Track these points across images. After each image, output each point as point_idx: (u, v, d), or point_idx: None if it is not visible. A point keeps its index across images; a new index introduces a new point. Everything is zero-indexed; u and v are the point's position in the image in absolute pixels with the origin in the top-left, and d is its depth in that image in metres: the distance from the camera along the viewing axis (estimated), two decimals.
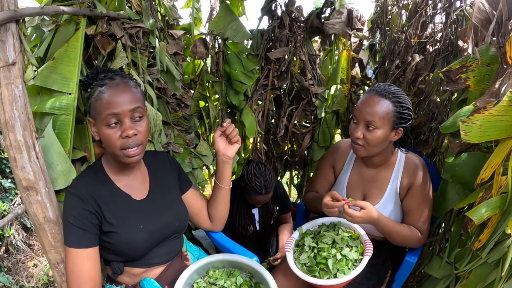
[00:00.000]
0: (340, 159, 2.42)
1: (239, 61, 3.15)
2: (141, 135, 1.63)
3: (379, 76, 3.50)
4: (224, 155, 1.99)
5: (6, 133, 1.44)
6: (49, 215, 1.60)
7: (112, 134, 1.58)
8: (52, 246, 1.67)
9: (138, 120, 1.62)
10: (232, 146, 1.99)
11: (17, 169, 1.47)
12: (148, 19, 2.23)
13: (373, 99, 1.98)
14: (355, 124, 2.07)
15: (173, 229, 1.88)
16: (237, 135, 1.95)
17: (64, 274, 1.74)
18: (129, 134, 1.57)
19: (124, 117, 1.57)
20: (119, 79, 1.62)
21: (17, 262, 4.05)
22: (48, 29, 1.83)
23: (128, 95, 1.59)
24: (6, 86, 1.40)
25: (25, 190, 1.51)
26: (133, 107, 1.58)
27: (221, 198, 2.10)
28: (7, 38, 1.37)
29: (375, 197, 2.25)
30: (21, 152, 1.45)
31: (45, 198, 1.56)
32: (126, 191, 1.78)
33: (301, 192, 4.13)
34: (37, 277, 3.91)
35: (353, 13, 3.25)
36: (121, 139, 1.58)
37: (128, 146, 1.60)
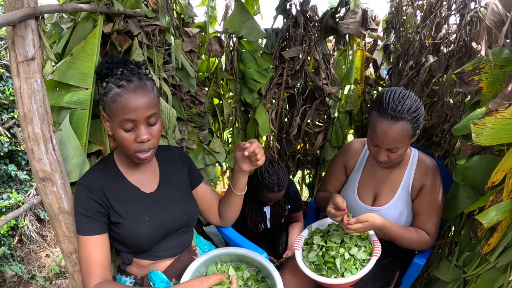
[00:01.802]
0: (352, 159, 2.42)
1: (254, 60, 3.17)
2: (154, 139, 1.65)
3: (393, 77, 3.49)
4: (240, 167, 1.96)
5: (25, 126, 1.48)
6: (64, 206, 1.64)
7: (126, 137, 1.60)
8: (65, 236, 1.71)
9: (153, 125, 1.64)
10: (251, 164, 1.94)
11: (34, 161, 1.52)
12: (164, 17, 2.26)
13: (390, 127, 1.91)
14: (377, 147, 2.04)
15: (181, 223, 1.90)
16: (258, 160, 1.87)
17: (76, 264, 1.79)
18: (144, 139, 1.59)
19: (139, 123, 1.59)
20: (137, 81, 1.60)
21: (30, 252, 4.11)
22: (66, 26, 1.87)
23: (144, 101, 1.58)
24: (25, 80, 1.44)
25: (41, 181, 1.56)
26: (149, 114, 1.59)
27: (233, 202, 2.10)
28: (27, 34, 1.41)
29: (387, 196, 2.24)
30: (38, 144, 1.50)
31: (60, 189, 1.60)
32: (136, 185, 1.81)
33: (312, 191, 4.12)
34: (48, 267, 3.96)
35: (367, 13, 3.25)
36: (135, 143, 1.61)
37: (141, 150, 1.63)
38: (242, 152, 1.88)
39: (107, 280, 1.67)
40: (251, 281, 1.89)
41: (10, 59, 1.46)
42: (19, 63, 1.43)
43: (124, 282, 1.88)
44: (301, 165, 3.95)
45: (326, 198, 2.36)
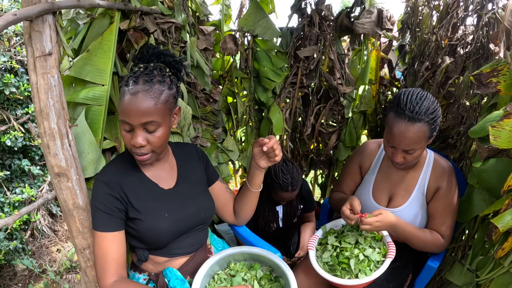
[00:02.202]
0: (367, 159, 2.40)
1: (268, 58, 3.16)
2: (152, 145, 1.61)
3: (408, 78, 3.46)
4: (257, 164, 1.96)
5: (41, 121, 1.48)
6: (79, 202, 1.65)
7: (126, 136, 1.60)
8: (79, 232, 1.71)
9: (151, 131, 1.60)
10: (269, 161, 1.93)
11: (50, 156, 1.52)
12: (180, 14, 2.26)
13: (408, 128, 1.89)
14: (393, 149, 2.02)
15: (198, 220, 1.89)
16: (276, 156, 1.86)
17: (89, 260, 1.79)
18: (136, 144, 1.57)
19: (135, 128, 1.57)
20: (142, 85, 1.54)
21: (41, 246, 4.14)
22: (83, 22, 1.88)
23: (143, 107, 1.53)
24: (42, 75, 1.44)
25: (56, 176, 1.56)
26: (144, 121, 1.55)
27: (249, 199, 2.09)
28: (44, 29, 1.41)
29: (401, 198, 2.22)
30: (54, 139, 1.50)
31: (75, 185, 1.60)
32: (154, 180, 1.81)
33: (324, 192, 4.11)
34: (59, 262, 3.98)
35: (383, 13, 3.22)
36: (131, 144, 1.60)
37: (135, 152, 1.62)
38: (260, 148, 1.88)
39: (123, 277, 1.67)
40: (264, 280, 1.89)
41: (27, 54, 1.46)
42: (36, 58, 1.43)
43: (137, 279, 1.88)
44: (314, 165, 3.93)
45: (341, 199, 2.33)
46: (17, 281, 3.69)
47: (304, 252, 2.75)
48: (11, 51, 3.49)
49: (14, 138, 3.29)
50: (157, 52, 1.67)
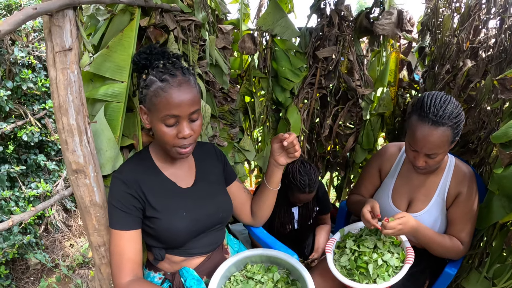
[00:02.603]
0: (387, 162, 2.37)
1: (287, 58, 3.13)
2: (196, 134, 1.63)
3: (427, 80, 3.41)
4: (276, 160, 1.94)
5: (59, 117, 1.47)
6: (96, 199, 1.63)
7: (168, 132, 1.57)
8: (95, 229, 1.70)
9: (194, 120, 1.62)
10: (288, 157, 1.92)
11: (68, 152, 1.51)
12: (199, 12, 2.25)
13: (431, 132, 1.86)
14: (415, 152, 1.99)
15: (216, 220, 1.88)
16: (295, 152, 1.85)
17: (104, 257, 1.79)
18: (186, 135, 1.57)
19: (182, 119, 1.56)
20: (181, 76, 1.57)
21: (55, 241, 4.15)
22: (103, 18, 1.86)
23: (189, 97, 1.55)
24: (62, 70, 1.43)
25: (74, 173, 1.55)
26: (192, 110, 1.57)
27: (267, 198, 2.07)
28: (65, 24, 1.40)
29: (421, 203, 2.19)
30: (73, 135, 1.49)
31: (93, 182, 1.59)
32: (172, 179, 1.79)
33: (340, 194, 4.08)
34: (72, 257, 3.99)
35: (403, 14, 3.18)
36: (176, 139, 1.59)
37: (182, 146, 1.61)
38: (279, 144, 1.88)
39: (139, 277, 1.66)
40: (281, 283, 1.86)
41: (46, 49, 1.45)
42: (55, 53, 1.41)
43: (152, 278, 1.87)
44: (330, 167, 3.90)
45: (359, 202, 2.31)
46: (29, 274, 3.70)
47: (319, 254, 2.73)
48: (29, 46, 3.50)
49: (30, 133, 3.30)
50: (161, 51, 1.66)
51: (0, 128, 3.03)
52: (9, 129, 3.15)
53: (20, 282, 3.62)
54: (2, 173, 3.13)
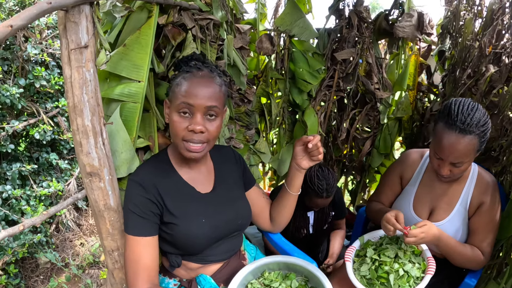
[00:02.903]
0: (409, 169, 2.31)
1: (305, 60, 3.08)
2: (209, 134, 1.58)
3: (447, 85, 3.34)
4: (298, 164, 1.89)
5: (74, 117, 1.41)
6: (110, 203, 1.57)
7: (179, 122, 1.54)
8: (109, 233, 1.65)
9: (211, 119, 1.57)
10: (311, 161, 1.88)
11: (82, 154, 1.45)
12: (218, 11, 2.19)
13: (458, 140, 1.81)
14: (440, 161, 1.94)
15: (235, 227, 1.83)
16: (319, 155, 1.82)
17: (117, 262, 1.73)
18: (195, 129, 1.52)
19: (197, 110, 1.52)
20: (206, 71, 1.58)
21: (65, 239, 4.13)
22: (120, 15, 1.80)
23: (208, 91, 1.53)
24: (77, 69, 1.37)
25: (88, 175, 1.49)
26: (209, 105, 1.53)
27: (287, 203, 2.02)
28: (80, 20, 1.34)
29: (443, 212, 2.13)
30: (87, 137, 1.43)
31: (108, 185, 1.53)
32: (190, 184, 1.74)
33: (354, 198, 4.04)
34: (82, 256, 3.98)
35: (423, 16, 3.13)
36: (186, 131, 1.54)
37: (191, 139, 1.55)
38: (302, 147, 1.85)
39: (155, 284, 1.61)
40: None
41: (61, 46, 1.39)
42: (70, 50, 1.36)
43: (167, 284, 1.81)
44: (345, 170, 3.85)
45: (380, 211, 2.25)
46: (38, 273, 3.68)
47: (333, 260, 2.69)
48: (43, 43, 3.46)
49: (43, 131, 3.26)
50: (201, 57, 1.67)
51: (12, 126, 2.99)
52: (21, 127, 3.11)
53: (29, 280, 3.60)
54: (14, 172, 3.09)
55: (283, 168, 3.39)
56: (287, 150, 3.36)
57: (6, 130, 2.96)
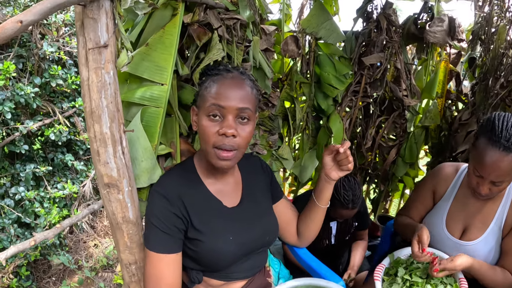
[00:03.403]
0: (442, 184, 2.20)
1: (332, 64, 2.97)
2: (241, 139, 1.47)
3: (477, 94, 3.22)
4: (327, 175, 1.79)
5: (91, 124, 1.30)
6: (129, 215, 1.46)
7: (209, 127, 1.44)
8: (126, 247, 1.54)
9: (243, 123, 1.47)
10: (340, 170, 1.78)
11: (100, 164, 1.34)
12: (245, 10, 2.08)
13: (502, 158, 1.71)
14: (480, 178, 1.84)
15: (262, 243, 1.73)
16: (349, 164, 1.72)
17: (134, 275, 1.63)
18: (227, 132, 1.42)
19: (228, 113, 1.43)
20: (237, 74, 1.50)
21: (79, 241, 4.10)
22: (143, 12, 1.69)
23: (240, 92, 1.45)
24: (95, 70, 1.25)
25: (105, 187, 1.38)
26: (241, 106, 1.44)
27: (315, 216, 1.91)
28: (100, 17, 1.22)
29: (477, 230, 2.02)
30: (106, 146, 1.31)
31: (127, 197, 1.42)
32: (217, 196, 1.63)
33: (376, 207, 3.96)
34: (96, 258, 3.94)
35: (455, 21, 3.02)
36: (217, 135, 1.43)
37: (222, 145, 1.44)
38: (331, 157, 1.77)
39: None
40: None
41: (77, 45, 1.26)
42: (88, 50, 1.23)
43: None
44: (368, 179, 3.73)
45: (408, 226, 2.17)
46: (51, 274, 3.65)
47: (354, 272, 2.63)
48: (60, 41, 3.38)
49: (58, 132, 3.18)
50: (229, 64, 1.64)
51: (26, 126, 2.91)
52: (36, 127, 3.03)
53: (41, 281, 3.56)
54: (27, 173, 3.01)
55: (304, 175, 3.30)
56: (309, 156, 3.26)
57: (20, 130, 2.87)
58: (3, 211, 2.92)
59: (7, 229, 2.88)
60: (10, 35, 0.91)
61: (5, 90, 2.80)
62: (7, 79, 2.73)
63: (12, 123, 2.89)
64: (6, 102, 2.68)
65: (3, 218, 2.90)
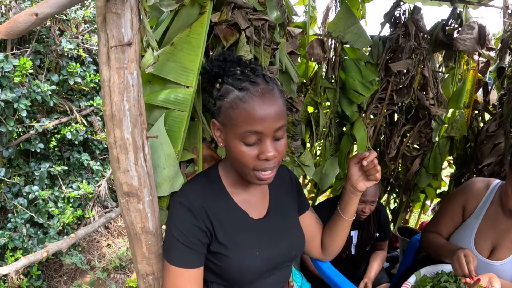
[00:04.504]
0: (473, 200, 2.12)
1: (358, 69, 2.88)
2: (280, 155, 1.37)
3: (505, 105, 3.13)
4: (353, 186, 1.69)
5: (111, 128, 1.21)
6: (149, 226, 1.38)
7: (247, 153, 1.31)
8: (144, 257, 1.45)
9: (279, 139, 1.35)
10: (367, 180, 1.67)
11: (119, 172, 1.25)
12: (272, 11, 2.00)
13: None
14: None
15: (288, 258, 1.63)
16: (376, 173, 1.62)
17: (151, 286, 1.54)
18: (269, 157, 1.31)
19: (266, 136, 1.30)
20: (264, 85, 1.32)
21: (92, 241, 4.09)
22: (169, 10, 1.60)
23: (275, 109, 1.29)
24: (117, 70, 1.16)
25: (124, 195, 1.29)
26: (278, 126, 1.30)
27: (340, 229, 1.81)
28: (124, 12, 1.12)
29: (507, 250, 1.96)
30: (127, 152, 1.22)
31: (147, 207, 1.33)
32: (243, 208, 1.53)
33: (396, 218, 3.87)
34: (109, 258, 3.92)
35: (484, 29, 2.93)
36: (257, 161, 1.33)
37: (264, 169, 1.34)
38: (357, 166, 1.66)
39: None
40: None
41: (98, 42, 1.17)
42: (110, 48, 1.14)
43: None
44: (390, 189, 3.64)
45: (442, 247, 2.07)
46: (62, 273, 3.63)
47: (370, 282, 2.61)
48: (79, 38, 3.33)
49: (75, 131, 3.12)
50: (237, 58, 1.43)
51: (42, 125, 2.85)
52: (52, 126, 2.97)
53: (52, 280, 3.54)
54: (42, 172, 2.95)
55: (325, 182, 3.22)
56: (331, 164, 3.18)
57: (36, 128, 2.81)
58: (15, 210, 2.87)
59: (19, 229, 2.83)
60: (23, 29, 0.83)
61: (21, 87, 2.75)
62: (23, 75, 2.67)
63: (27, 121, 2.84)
64: (22, 100, 2.63)
65: (15, 217, 2.85)
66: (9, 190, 2.89)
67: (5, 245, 2.71)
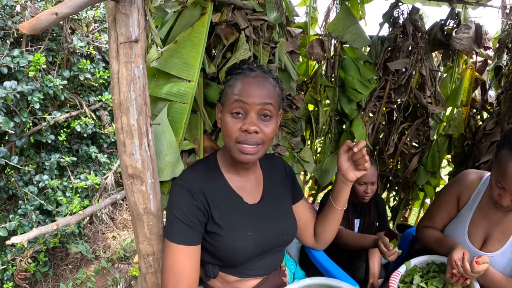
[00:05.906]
0: (466, 192, 2.15)
1: (356, 68, 2.97)
2: (264, 135, 1.49)
3: (503, 104, 3.18)
4: (344, 176, 1.78)
5: (119, 115, 1.34)
6: (150, 207, 1.50)
7: (232, 123, 1.46)
8: (146, 238, 1.57)
9: (265, 119, 1.49)
10: (357, 170, 1.76)
11: (125, 155, 1.37)
12: (271, 12, 2.10)
13: None
14: (502, 190, 1.82)
15: (280, 242, 1.73)
16: (365, 163, 1.70)
17: (151, 266, 1.66)
18: (250, 129, 1.44)
19: (250, 109, 1.46)
20: (259, 72, 1.52)
21: (98, 232, 4.16)
22: (172, 10, 1.73)
23: (262, 90, 1.47)
24: (125, 64, 1.29)
25: (129, 177, 1.41)
26: (263, 102, 1.46)
27: (332, 218, 1.90)
28: (132, 12, 1.26)
29: (497, 242, 1.97)
30: (132, 137, 1.35)
31: (149, 189, 1.45)
32: (238, 192, 1.65)
33: (395, 215, 3.92)
34: (113, 249, 3.98)
35: (481, 29, 2.99)
36: (240, 132, 1.46)
37: (245, 141, 1.47)
38: (347, 155, 1.75)
39: None
40: None
41: (109, 39, 1.32)
42: (119, 44, 1.28)
43: None
44: (389, 186, 3.71)
45: (440, 243, 2.09)
46: (68, 262, 3.69)
47: (376, 279, 2.60)
48: (89, 36, 3.45)
49: (84, 124, 3.24)
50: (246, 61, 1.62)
51: (53, 117, 2.97)
52: (63, 118, 3.09)
53: (58, 268, 3.61)
54: (52, 162, 3.07)
55: (325, 178, 3.29)
56: (331, 160, 3.26)
57: (48, 120, 2.93)
58: (26, 198, 2.98)
59: (29, 215, 2.94)
60: (45, 26, 0.94)
61: (35, 81, 2.85)
62: (37, 70, 2.78)
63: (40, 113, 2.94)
64: (35, 93, 2.74)
65: (26, 204, 2.95)
66: (20, 178, 2.99)
67: (15, 231, 2.82)
